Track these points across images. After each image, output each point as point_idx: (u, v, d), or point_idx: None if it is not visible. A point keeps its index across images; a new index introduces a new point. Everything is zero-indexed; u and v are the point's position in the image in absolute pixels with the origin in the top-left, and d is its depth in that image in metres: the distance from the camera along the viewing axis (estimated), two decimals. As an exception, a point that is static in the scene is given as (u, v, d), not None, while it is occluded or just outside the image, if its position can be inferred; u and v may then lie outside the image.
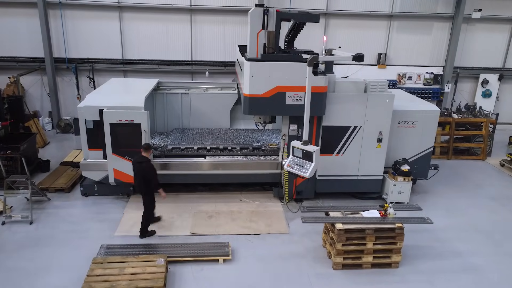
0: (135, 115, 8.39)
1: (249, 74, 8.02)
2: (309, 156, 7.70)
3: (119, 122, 8.35)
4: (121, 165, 8.66)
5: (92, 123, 8.64)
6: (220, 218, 8.63)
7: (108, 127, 8.38)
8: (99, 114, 8.45)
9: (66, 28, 13.65)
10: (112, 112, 8.35)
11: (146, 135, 8.49)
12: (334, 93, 8.58)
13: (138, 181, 7.60)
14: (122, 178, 8.78)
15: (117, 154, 8.59)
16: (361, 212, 7.25)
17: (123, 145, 8.54)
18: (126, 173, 8.65)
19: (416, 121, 9.40)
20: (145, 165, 7.46)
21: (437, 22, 14.69)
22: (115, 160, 8.64)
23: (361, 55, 7.59)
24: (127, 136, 8.46)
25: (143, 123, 8.42)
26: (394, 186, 9.22)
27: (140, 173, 7.48)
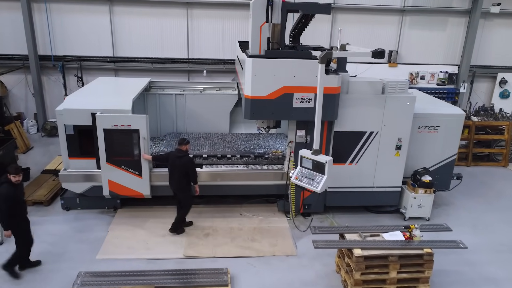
0: (132, 119, 7.42)
1: (251, 73, 6.99)
2: (320, 167, 6.68)
3: (114, 127, 7.38)
4: (116, 176, 7.70)
5: (73, 128, 7.60)
6: (218, 236, 7.61)
7: (102, 133, 7.41)
8: (91, 118, 7.46)
9: (51, 23, 12.60)
10: (106, 116, 7.38)
11: (145, 142, 7.52)
12: (347, 94, 7.55)
13: (178, 177, 7.23)
14: (118, 191, 7.81)
15: (112, 163, 7.62)
16: (382, 234, 6.21)
17: (119, 154, 7.59)
18: (122, 185, 7.75)
19: (438, 126, 8.37)
20: (186, 159, 7.20)
21: (452, 17, 13.64)
22: (110, 170, 7.66)
23: (381, 50, 6.57)
24: (123, 143, 7.54)
25: (141, 128, 7.46)
26: (414, 199, 8.21)
27: (180, 168, 7.16)
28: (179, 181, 7.31)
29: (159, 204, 8.52)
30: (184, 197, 7.45)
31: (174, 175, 7.33)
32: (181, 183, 7.32)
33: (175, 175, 7.30)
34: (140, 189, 7.84)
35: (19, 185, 6.15)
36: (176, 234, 7.54)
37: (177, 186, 7.39)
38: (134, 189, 7.82)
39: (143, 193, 7.88)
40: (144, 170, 7.72)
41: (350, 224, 8.18)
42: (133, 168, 7.68)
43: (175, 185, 7.39)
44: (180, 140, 7.35)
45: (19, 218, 6.20)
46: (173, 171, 7.31)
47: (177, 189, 7.41)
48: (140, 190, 7.85)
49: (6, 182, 5.98)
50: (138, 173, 7.72)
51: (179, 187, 7.36)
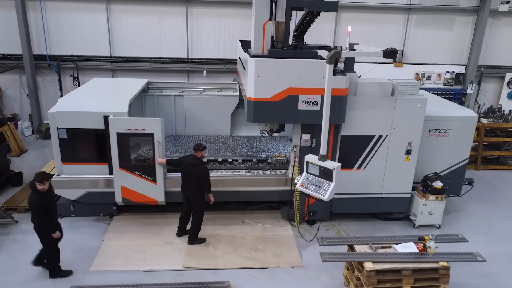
0: (147, 122, 7.08)
1: (254, 74, 6.61)
2: (328, 174, 6.30)
3: (128, 131, 7.01)
4: (130, 182, 7.34)
5: (66, 132, 7.22)
6: (219, 245, 7.22)
7: (115, 137, 7.04)
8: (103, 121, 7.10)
9: (46, 21, 12.21)
10: (119, 119, 7.04)
11: (160, 146, 7.15)
12: (355, 96, 7.16)
13: (192, 185, 6.87)
14: (131, 197, 7.45)
15: (126, 169, 7.26)
16: (394, 246, 5.84)
17: (133, 158, 7.25)
18: (135, 191, 7.39)
19: (450, 129, 7.98)
20: (200, 168, 6.80)
21: (459, 16, 13.25)
22: (123, 176, 7.30)
23: (393, 50, 6.18)
24: (137, 148, 7.20)
25: (156, 132, 7.10)
26: (424, 206, 7.83)
27: (194, 176, 6.78)
28: (193, 189, 6.91)
29: (157, 211, 8.13)
30: (197, 202, 7.04)
31: (187, 182, 6.93)
32: (195, 191, 6.93)
33: (188, 182, 6.91)
34: (154, 195, 7.48)
35: (45, 193, 5.96)
36: (196, 244, 7.16)
37: (190, 193, 6.98)
38: (147, 196, 7.47)
39: (157, 199, 7.52)
40: (158, 176, 7.36)
41: (358, 232, 7.79)
42: (147, 173, 7.32)
43: (188, 192, 6.99)
44: (195, 145, 6.93)
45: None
46: (187, 178, 6.91)
47: (191, 196, 7.00)
48: (154, 197, 7.49)
49: (33, 190, 5.90)
50: (152, 179, 7.36)
51: (193, 194, 6.97)
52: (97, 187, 7.55)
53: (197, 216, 7.14)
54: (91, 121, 7.17)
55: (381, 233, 7.76)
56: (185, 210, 7.25)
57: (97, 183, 7.54)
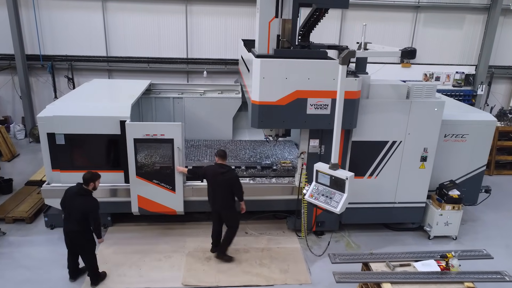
0: (166, 128, 6.63)
1: (260, 75, 6.10)
2: (339, 184, 5.81)
3: (146, 137, 6.56)
4: (147, 191, 6.91)
5: (63, 137, 6.75)
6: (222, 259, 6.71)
7: (132, 144, 6.60)
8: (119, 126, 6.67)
9: (40, 20, 11.69)
10: (137, 124, 6.63)
11: (180, 153, 6.68)
12: (368, 99, 6.66)
13: (222, 195, 6.28)
14: (148, 207, 7.00)
15: (143, 177, 6.82)
16: (414, 264, 5.34)
17: (151, 166, 6.79)
18: (153, 201, 6.97)
19: (467, 133, 7.50)
20: (231, 175, 6.27)
21: (469, 15, 12.75)
22: (140, 185, 6.85)
23: (412, 49, 5.70)
24: (156, 155, 6.79)
25: (176, 138, 6.65)
26: (440, 216, 7.33)
27: (225, 185, 6.22)
28: (225, 199, 6.33)
29: (154, 221, 7.64)
30: (231, 216, 6.49)
31: (217, 193, 6.35)
32: (227, 201, 6.35)
33: (218, 192, 6.33)
34: (173, 205, 7.03)
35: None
36: (224, 261, 6.64)
37: (222, 204, 6.41)
38: (166, 205, 7.02)
39: (175, 209, 7.07)
40: (177, 184, 6.90)
41: (369, 243, 7.33)
42: (165, 182, 6.89)
43: (219, 203, 6.42)
44: (220, 152, 6.41)
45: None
46: (216, 189, 6.34)
47: (222, 208, 6.43)
48: (172, 207, 7.04)
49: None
50: (171, 188, 6.91)
51: (225, 205, 6.39)
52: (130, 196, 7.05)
53: (232, 231, 6.56)
54: (103, 126, 6.70)
55: (393, 245, 7.30)
56: (216, 224, 6.67)
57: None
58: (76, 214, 5.60)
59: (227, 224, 6.58)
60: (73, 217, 5.62)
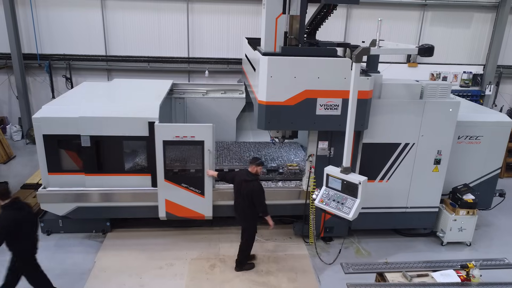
0: (197, 129, 6.39)
1: (267, 74, 5.79)
2: (352, 189, 5.48)
3: (175, 139, 6.27)
4: (175, 195, 6.65)
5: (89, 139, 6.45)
6: (225, 267, 6.41)
7: (161, 146, 6.31)
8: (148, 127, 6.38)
9: (37, 18, 11.36)
10: (167, 126, 6.35)
11: (210, 156, 6.41)
12: (379, 99, 6.35)
13: (243, 204, 5.97)
14: (176, 212, 6.75)
15: (171, 181, 6.55)
16: (432, 274, 5.02)
17: (180, 169, 6.57)
18: (181, 205, 6.72)
19: (482, 135, 7.20)
20: (255, 184, 5.92)
21: (477, 13, 12.44)
22: (169, 189, 6.58)
23: (430, 46, 5.41)
24: (185, 157, 6.60)
25: (206, 140, 6.39)
26: (454, 221, 7.03)
27: (247, 194, 5.89)
28: (243, 209, 6.03)
29: (154, 227, 7.33)
30: (248, 226, 6.16)
31: (237, 201, 6.09)
32: (244, 211, 6.04)
33: (238, 200, 6.06)
34: (201, 209, 6.80)
35: None
36: (244, 270, 6.33)
37: (240, 213, 6.12)
38: (194, 210, 6.80)
39: (204, 214, 6.82)
40: (207, 188, 6.64)
41: (379, 250, 7.04)
42: (194, 185, 6.64)
43: (238, 212, 6.13)
44: (252, 159, 6.09)
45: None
46: (237, 196, 6.07)
47: (240, 217, 6.15)
48: (201, 211, 6.80)
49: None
50: (200, 192, 6.65)
51: (243, 215, 6.10)
52: (88, 201, 6.73)
53: (247, 242, 6.24)
54: (131, 128, 6.41)
55: (405, 252, 7.00)
56: (243, 231, 6.34)
57: (89, 197, 6.71)
58: None
59: (243, 234, 6.23)
60: None
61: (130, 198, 6.76)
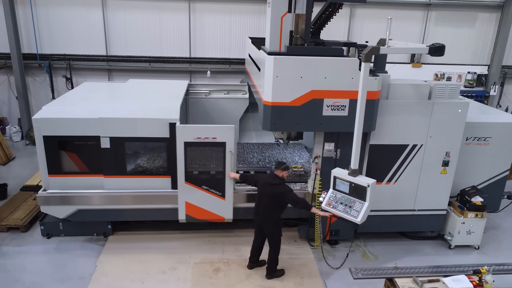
0: (218, 130, 6.26)
1: (273, 74, 5.66)
2: (360, 192, 5.39)
3: (197, 140, 6.17)
4: (195, 197, 6.54)
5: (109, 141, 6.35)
6: (230, 271, 6.27)
7: (183, 147, 6.21)
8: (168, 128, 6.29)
9: (37, 17, 11.23)
10: (189, 127, 6.26)
11: (232, 157, 6.32)
12: (387, 100, 6.22)
13: (267, 207, 5.78)
14: (196, 214, 6.64)
15: (192, 183, 6.44)
16: (443, 279, 4.89)
17: (201, 171, 6.43)
18: (201, 208, 6.61)
19: (490, 136, 7.07)
20: (283, 188, 5.75)
21: (482, 13, 12.32)
22: (189, 191, 6.48)
23: (441, 46, 5.25)
24: (206, 159, 6.43)
25: (228, 141, 6.28)
26: (462, 224, 6.89)
27: (272, 198, 5.71)
28: (267, 213, 5.82)
29: (157, 229, 7.21)
30: (272, 231, 5.94)
31: (261, 204, 5.86)
32: (269, 215, 5.84)
33: (262, 204, 5.83)
34: (222, 212, 6.68)
35: None
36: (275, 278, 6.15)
37: (263, 217, 5.87)
38: (214, 213, 6.68)
39: (224, 217, 6.70)
40: (228, 191, 6.53)
41: (386, 253, 6.91)
42: (215, 188, 6.53)
43: (261, 215, 5.89)
44: (277, 163, 5.91)
45: None
46: (261, 199, 5.86)
47: (263, 221, 5.90)
48: (221, 214, 6.69)
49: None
50: (221, 194, 6.54)
51: (266, 219, 5.87)
52: (90, 203, 6.60)
53: (274, 248, 6.04)
54: (151, 129, 6.31)
55: (413, 255, 6.87)
56: (257, 240, 6.18)
57: (90, 199, 6.58)
58: None
59: (269, 241, 6.05)
60: None
61: (145, 200, 6.65)
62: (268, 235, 5.97)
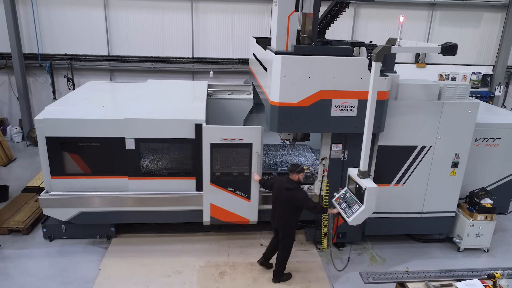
0: (245, 131, 6.20)
1: (280, 74, 5.54)
2: (360, 194, 5.30)
3: (223, 141, 6.11)
4: (220, 199, 6.46)
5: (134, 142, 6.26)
6: (236, 275, 6.15)
7: (209, 149, 6.14)
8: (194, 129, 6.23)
9: (38, 17, 11.12)
10: (215, 128, 6.20)
11: (258, 159, 6.26)
12: (396, 100, 6.11)
13: (282, 213, 5.66)
14: (220, 216, 6.56)
15: (217, 184, 6.36)
16: (456, 284, 4.78)
17: (226, 172, 6.36)
18: (226, 210, 6.53)
19: (499, 138, 6.97)
20: (298, 192, 5.62)
21: (487, 13, 12.23)
22: (214, 193, 6.40)
23: (453, 45, 5.15)
24: (232, 160, 6.36)
25: (255, 142, 6.21)
26: (471, 226, 6.78)
27: (288, 202, 5.59)
28: (282, 216, 5.70)
29: (161, 232, 7.10)
30: (286, 235, 5.82)
31: (276, 207, 5.76)
32: (284, 219, 5.71)
33: (277, 207, 5.73)
34: (247, 214, 6.61)
35: None
36: (282, 282, 6.04)
37: (279, 221, 5.76)
38: (239, 215, 6.61)
39: (249, 219, 6.63)
40: (253, 192, 6.45)
41: (394, 256, 6.79)
42: (240, 189, 6.47)
43: (276, 218, 5.79)
44: (292, 166, 5.77)
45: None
46: (276, 203, 5.75)
47: (279, 224, 5.79)
48: (246, 216, 6.62)
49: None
50: (246, 196, 6.46)
51: (281, 223, 5.74)
52: (93, 205, 6.48)
53: (284, 252, 5.94)
54: (177, 130, 6.25)
55: (421, 258, 6.75)
56: (275, 239, 6.07)
57: (93, 202, 6.46)
58: None
59: (280, 244, 5.93)
60: None
61: (168, 202, 6.57)
62: (281, 238, 5.85)
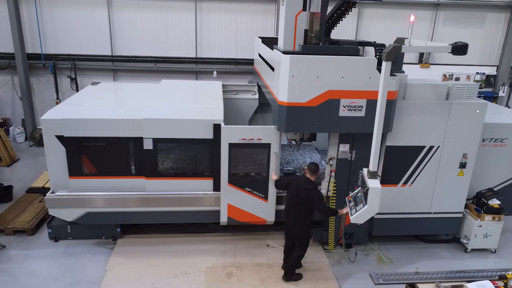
0: (263, 131, 6.19)
1: (288, 74, 5.52)
2: (366, 194, 5.28)
3: (242, 141, 6.13)
4: (238, 199, 6.49)
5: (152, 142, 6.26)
6: (243, 276, 6.12)
7: (227, 149, 6.15)
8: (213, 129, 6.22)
9: (41, 17, 11.08)
10: (233, 128, 6.19)
11: (276, 159, 6.29)
12: (404, 100, 6.08)
13: (299, 213, 5.62)
14: (237, 217, 6.60)
15: (235, 184, 6.38)
16: (467, 285, 4.74)
17: (244, 173, 6.38)
18: (243, 210, 6.56)
19: (507, 138, 6.95)
20: (317, 193, 5.64)
21: (491, 13, 12.21)
22: (232, 193, 6.42)
23: (464, 44, 5.11)
24: (250, 160, 6.38)
25: (273, 142, 6.22)
26: (479, 227, 6.75)
27: (305, 202, 5.56)
28: (298, 216, 5.65)
29: (167, 232, 7.06)
30: (301, 234, 5.80)
31: (292, 207, 5.69)
32: (300, 219, 5.67)
33: (293, 207, 5.67)
34: (264, 214, 6.64)
35: None
36: (292, 281, 6.01)
37: (294, 221, 5.71)
38: (256, 215, 6.64)
39: (266, 219, 6.65)
40: (270, 193, 6.49)
41: (401, 257, 6.76)
42: (258, 190, 6.50)
43: (291, 219, 5.73)
44: (309, 166, 5.68)
45: None
46: (292, 202, 5.67)
47: (293, 225, 5.74)
48: (263, 216, 6.65)
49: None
50: (264, 196, 6.47)
51: (296, 223, 5.71)
52: (99, 206, 6.45)
53: (300, 252, 5.92)
54: (195, 130, 6.25)
55: (429, 259, 6.72)
56: (288, 242, 6.03)
57: (100, 202, 6.43)
58: None
59: (297, 243, 5.90)
60: None
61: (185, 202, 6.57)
62: (297, 237, 5.82)
